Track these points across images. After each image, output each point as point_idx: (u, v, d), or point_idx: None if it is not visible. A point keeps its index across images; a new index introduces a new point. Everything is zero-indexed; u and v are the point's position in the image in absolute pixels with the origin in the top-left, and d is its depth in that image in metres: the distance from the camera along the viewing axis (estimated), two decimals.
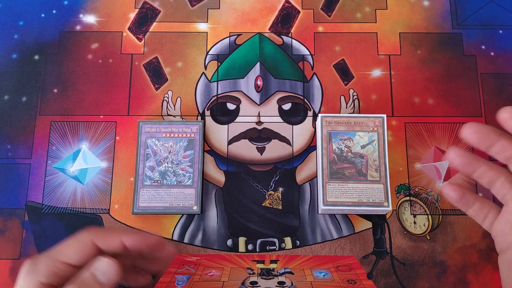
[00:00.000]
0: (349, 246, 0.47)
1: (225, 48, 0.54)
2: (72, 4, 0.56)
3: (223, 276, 0.43)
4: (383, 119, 0.47)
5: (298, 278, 0.42)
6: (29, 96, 0.52)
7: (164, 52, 0.54)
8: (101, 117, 0.52)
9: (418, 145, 0.50)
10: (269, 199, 0.49)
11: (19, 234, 0.48)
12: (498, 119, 0.35)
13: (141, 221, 0.48)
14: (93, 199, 0.49)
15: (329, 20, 0.55)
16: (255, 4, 0.56)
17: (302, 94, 0.52)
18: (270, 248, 0.47)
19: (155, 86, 0.53)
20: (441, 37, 0.54)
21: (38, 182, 0.49)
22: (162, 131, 0.49)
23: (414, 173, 0.50)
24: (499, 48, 0.54)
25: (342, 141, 0.47)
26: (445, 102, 0.52)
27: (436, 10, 0.55)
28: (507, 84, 0.52)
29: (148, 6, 0.56)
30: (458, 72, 0.53)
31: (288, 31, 0.55)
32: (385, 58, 0.53)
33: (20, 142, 0.51)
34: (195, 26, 0.55)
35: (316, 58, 0.54)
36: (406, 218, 0.48)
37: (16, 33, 0.54)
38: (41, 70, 0.53)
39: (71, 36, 0.54)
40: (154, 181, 0.48)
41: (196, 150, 0.49)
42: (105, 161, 0.50)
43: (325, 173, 0.46)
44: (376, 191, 0.45)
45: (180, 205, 0.47)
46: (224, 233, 0.48)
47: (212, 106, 0.52)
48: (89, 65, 0.53)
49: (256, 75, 0.53)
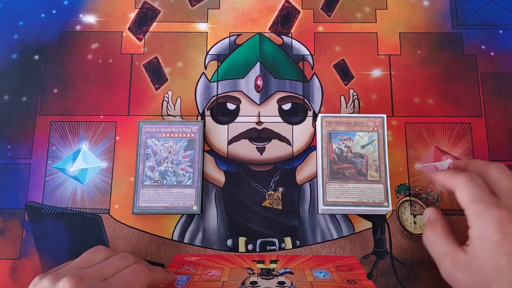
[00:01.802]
0: (349, 246, 0.47)
1: (225, 48, 0.54)
2: (72, 4, 0.56)
3: (223, 276, 0.43)
4: (383, 119, 0.47)
5: (298, 278, 0.42)
6: (29, 96, 0.52)
7: (164, 52, 0.54)
8: (101, 117, 0.52)
9: (418, 145, 0.50)
10: (269, 199, 0.49)
11: (19, 234, 0.48)
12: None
13: (141, 221, 0.48)
14: (93, 199, 0.49)
15: (329, 20, 0.55)
16: (255, 4, 0.56)
17: (302, 94, 0.52)
18: (270, 248, 0.47)
19: (155, 86, 0.53)
20: (441, 37, 0.54)
21: (38, 182, 0.49)
22: (162, 131, 0.49)
23: (414, 173, 0.50)
24: (499, 48, 0.54)
25: (342, 141, 0.47)
26: (445, 102, 0.52)
27: (436, 10, 0.55)
28: (507, 84, 0.52)
29: (148, 6, 0.56)
30: (458, 72, 0.53)
31: (288, 31, 0.55)
32: (385, 58, 0.53)
33: (20, 142, 0.51)
34: (195, 26, 0.55)
35: (316, 58, 0.54)
36: (406, 218, 0.48)
37: (16, 33, 0.55)
38: (41, 70, 0.53)
39: (71, 36, 0.54)
40: (154, 181, 0.48)
41: (196, 150, 0.49)
42: (105, 161, 0.50)
43: (325, 173, 0.46)
44: (376, 191, 0.45)
45: (180, 205, 0.47)
46: (224, 233, 0.48)
47: (212, 106, 0.52)
48: (89, 65, 0.53)
49: (256, 75, 0.53)
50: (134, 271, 0.36)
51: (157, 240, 0.48)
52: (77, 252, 0.47)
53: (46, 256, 0.47)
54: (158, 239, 0.48)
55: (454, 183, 0.39)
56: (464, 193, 0.38)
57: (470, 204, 0.37)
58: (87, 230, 0.48)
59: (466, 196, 0.37)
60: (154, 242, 0.48)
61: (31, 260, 0.47)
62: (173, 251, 0.47)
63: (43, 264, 0.47)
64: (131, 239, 0.48)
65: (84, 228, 0.48)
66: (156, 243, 0.47)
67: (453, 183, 0.39)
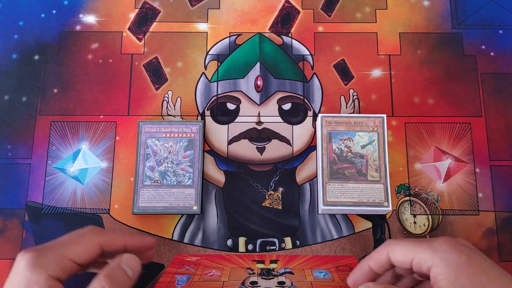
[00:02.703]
0: (349, 246, 0.47)
1: (225, 48, 0.54)
2: (72, 4, 0.56)
3: (223, 276, 0.43)
4: (383, 119, 0.47)
5: (298, 278, 0.42)
6: (29, 96, 0.52)
7: (164, 52, 0.54)
8: (101, 117, 0.52)
9: (418, 145, 0.50)
10: (269, 199, 0.49)
11: (19, 234, 0.48)
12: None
13: (141, 221, 0.48)
14: (93, 199, 0.49)
15: (329, 20, 0.55)
16: (255, 4, 0.56)
17: (302, 94, 0.52)
18: (270, 248, 0.47)
19: (155, 86, 0.53)
20: (441, 37, 0.54)
21: (38, 182, 0.49)
22: (162, 131, 0.49)
23: (414, 173, 0.50)
24: (499, 48, 0.54)
25: (342, 141, 0.47)
26: (445, 102, 0.52)
27: (436, 10, 0.55)
28: (507, 84, 0.52)
29: (148, 6, 0.56)
30: (458, 72, 0.53)
31: (288, 31, 0.55)
32: (385, 58, 0.53)
33: (20, 142, 0.51)
34: (195, 26, 0.55)
35: (316, 58, 0.54)
36: (406, 218, 0.48)
37: (16, 33, 0.55)
38: (41, 70, 0.53)
39: (71, 36, 0.54)
40: (154, 181, 0.48)
41: (196, 150, 0.49)
42: (105, 161, 0.50)
43: (325, 173, 0.46)
44: (376, 191, 0.45)
45: (180, 205, 0.47)
46: (224, 233, 0.48)
47: (212, 106, 0.52)
48: (89, 65, 0.53)
49: (256, 75, 0.53)
50: (82, 232, 0.36)
51: (157, 240, 0.48)
52: None
53: None
54: (158, 239, 0.48)
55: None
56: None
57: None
58: None
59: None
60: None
61: None
62: (173, 251, 0.47)
63: None
64: None
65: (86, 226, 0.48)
66: (156, 243, 0.47)
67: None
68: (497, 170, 0.49)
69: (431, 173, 0.49)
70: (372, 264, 0.36)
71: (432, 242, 0.33)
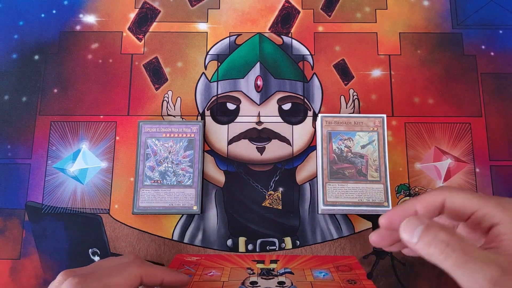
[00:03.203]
0: (349, 246, 0.47)
1: (225, 48, 0.54)
2: (72, 4, 0.56)
3: (223, 276, 0.43)
4: (383, 119, 0.47)
5: (298, 278, 0.42)
6: (29, 96, 0.52)
7: (164, 52, 0.54)
8: (101, 117, 0.52)
9: (418, 145, 0.50)
10: (269, 199, 0.49)
11: (19, 234, 0.48)
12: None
13: (141, 221, 0.48)
14: (93, 199, 0.49)
15: (329, 20, 0.55)
16: (255, 4, 0.56)
17: (302, 94, 0.52)
18: (270, 248, 0.47)
19: (155, 86, 0.53)
20: (441, 37, 0.54)
21: (38, 182, 0.49)
22: (162, 131, 0.49)
23: (414, 173, 0.50)
24: (499, 48, 0.54)
25: (342, 141, 0.47)
26: (445, 102, 0.52)
27: (436, 10, 0.55)
28: (507, 84, 0.52)
29: (148, 6, 0.56)
30: (458, 72, 0.53)
31: (288, 31, 0.55)
32: (385, 58, 0.53)
33: (20, 142, 0.51)
34: (195, 26, 0.55)
35: (316, 58, 0.54)
36: None
37: (16, 33, 0.55)
38: (41, 70, 0.53)
39: (71, 36, 0.54)
40: (154, 181, 0.48)
41: (196, 150, 0.49)
42: (105, 161, 0.50)
43: (325, 173, 0.46)
44: (376, 191, 0.45)
45: (180, 205, 0.47)
46: (224, 233, 0.48)
47: (212, 106, 0.52)
48: (89, 65, 0.53)
49: (256, 75, 0.53)
50: (125, 262, 0.37)
51: (157, 240, 0.48)
52: (77, 252, 0.47)
53: (46, 256, 0.47)
54: (158, 239, 0.48)
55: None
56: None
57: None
58: (87, 230, 0.48)
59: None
60: (154, 242, 0.48)
61: (31, 260, 0.47)
62: (173, 251, 0.47)
63: (43, 264, 0.47)
64: (131, 239, 0.48)
65: (84, 228, 0.48)
66: (156, 243, 0.47)
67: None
68: (497, 170, 0.49)
69: (431, 173, 0.49)
70: (420, 207, 0.32)
71: (500, 200, 0.30)
